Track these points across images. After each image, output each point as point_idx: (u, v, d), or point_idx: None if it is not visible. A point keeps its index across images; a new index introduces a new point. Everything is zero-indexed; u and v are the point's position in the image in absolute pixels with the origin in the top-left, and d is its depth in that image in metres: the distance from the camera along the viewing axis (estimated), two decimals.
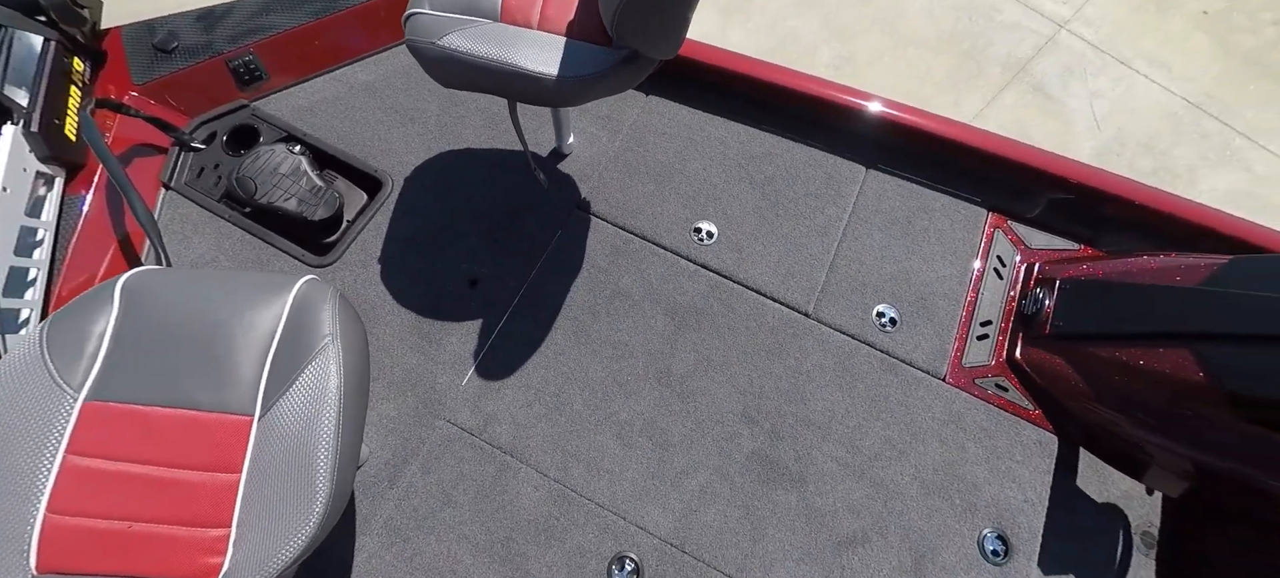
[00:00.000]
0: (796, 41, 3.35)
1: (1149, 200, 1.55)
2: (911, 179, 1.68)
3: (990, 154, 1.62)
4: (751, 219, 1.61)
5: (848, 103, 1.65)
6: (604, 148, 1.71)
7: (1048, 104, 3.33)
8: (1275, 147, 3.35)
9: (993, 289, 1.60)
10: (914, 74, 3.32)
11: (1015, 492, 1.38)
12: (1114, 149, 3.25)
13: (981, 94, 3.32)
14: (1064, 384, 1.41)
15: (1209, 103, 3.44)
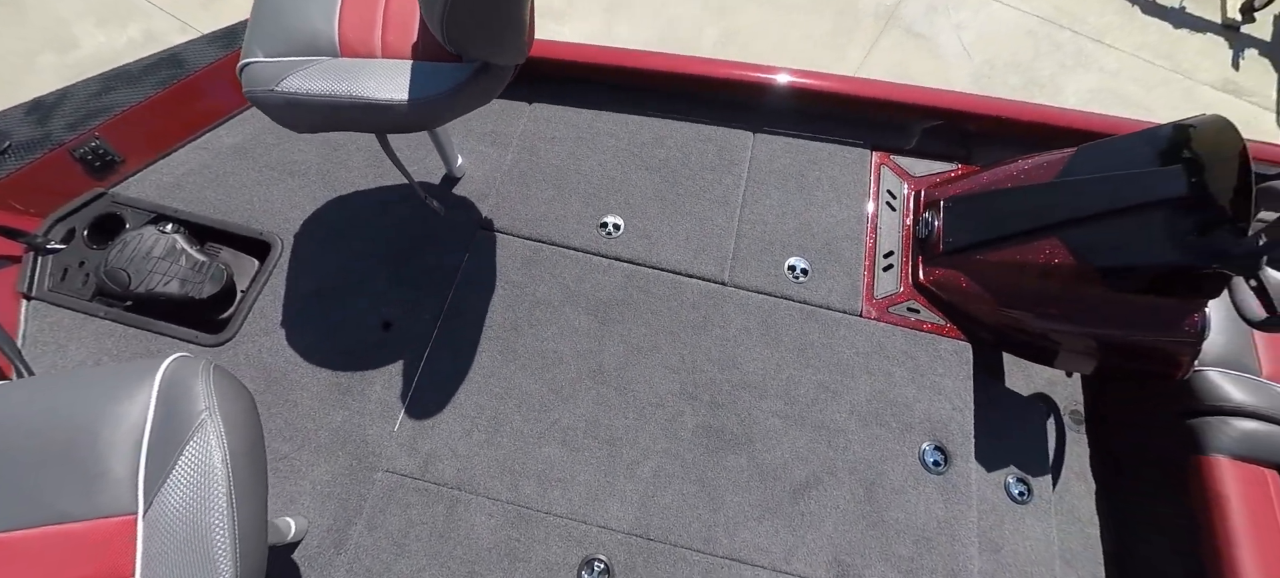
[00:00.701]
0: (681, 26, 3.42)
1: (1004, 111, 1.68)
2: (796, 135, 1.75)
3: (863, 98, 1.70)
4: (654, 204, 1.63)
5: (726, 75, 1.70)
6: (496, 163, 1.69)
7: (920, 43, 3.54)
8: (1119, 43, 3.69)
9: (888, 222, 1.68)
10: (798, 36, 3.46)
11: (943, 403, 1.46)
12: (985, 72, 3.49)
13: (861, 44, 3.49)
14: (965, 295, 1.51)
15: (1059, 16, 3.75)
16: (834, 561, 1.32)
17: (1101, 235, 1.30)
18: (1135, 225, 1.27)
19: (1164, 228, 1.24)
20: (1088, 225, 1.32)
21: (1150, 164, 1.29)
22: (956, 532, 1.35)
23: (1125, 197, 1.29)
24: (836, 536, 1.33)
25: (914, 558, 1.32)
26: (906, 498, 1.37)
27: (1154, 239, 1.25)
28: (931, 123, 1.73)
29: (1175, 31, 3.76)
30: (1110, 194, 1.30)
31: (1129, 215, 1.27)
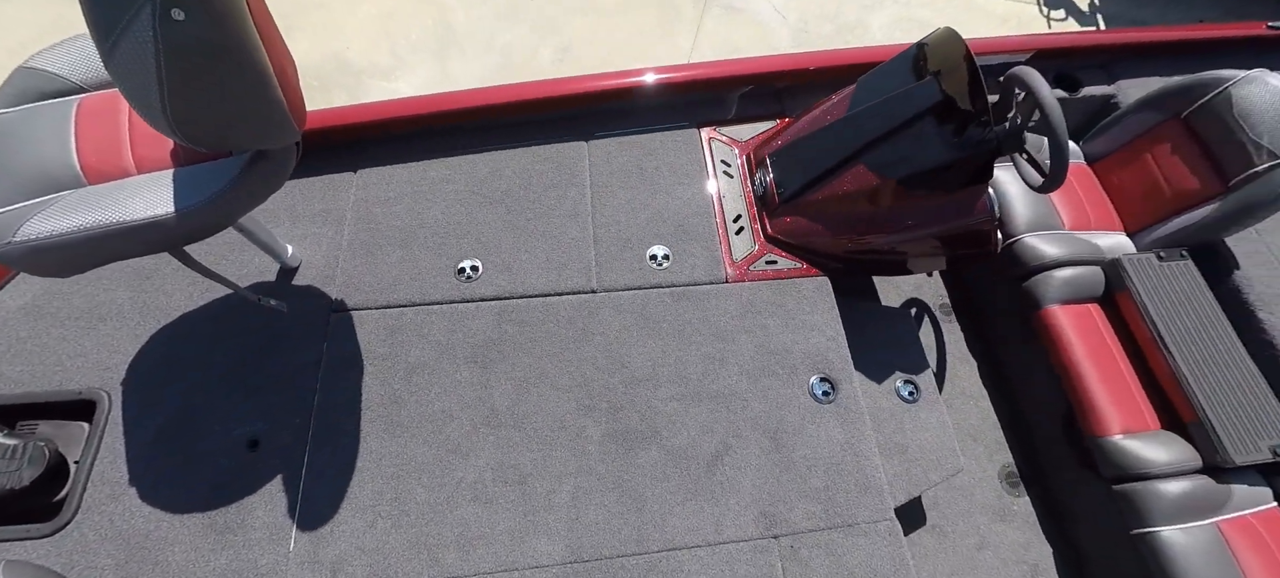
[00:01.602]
0: (515, 51, 3.42)
1: (798, 64, 1.83)
2: (627, 132, 1.80)
3: (678, 83, 1.78)
4: (506, 235, 1.62)
5: (546, 94, 1.72)
6: (333, 241, 1.60)
7: (739, 16, 3.75)
8: None
9: (730, 189, 1.77)
10: (628, 36, 3.56)
11: (817, 337, 1.56)
12: (802, 28, 3.77)
13: (687, 30, 3.65)
14: (808, 234, 1.62)
15: None
16: (760, 515, 1.36)
17: (889, 153, 1.45)
18: (910, 138, 1.43)
19: (930, 134, 1.41)
20: (878, 147, 1.47)
21: (909, 82, 1.46)
22: (859, 448, 1.44)
23: (897, 115, 1.45)
24: (756, 491, 1.38)
25: (829, 486, 1.39)
26: (808, 434, 1.44)
27: (926, 145, 1.41)
28: (743, 89, 1.85)
29: None
30: (887, 116, 1.46)
31: (904, 130, 1.43)
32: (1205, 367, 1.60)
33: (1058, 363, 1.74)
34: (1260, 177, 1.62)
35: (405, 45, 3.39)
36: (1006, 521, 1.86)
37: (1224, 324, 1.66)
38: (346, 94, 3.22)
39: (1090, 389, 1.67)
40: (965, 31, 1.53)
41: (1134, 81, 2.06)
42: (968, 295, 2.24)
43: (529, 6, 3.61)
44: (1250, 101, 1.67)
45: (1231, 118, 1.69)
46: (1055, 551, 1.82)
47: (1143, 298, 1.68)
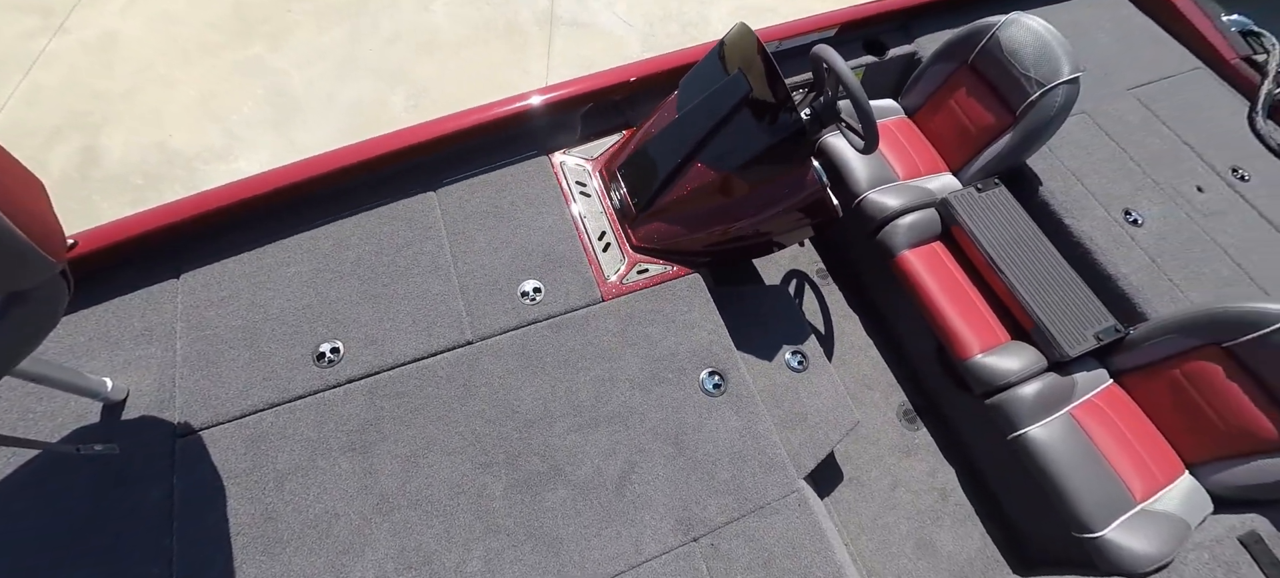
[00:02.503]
0: (365, 105, 3.24)
1: (628, 74, 1.85)
2: (474, 173, 1.75)
3: (516, 113, 1.75)
4: (365, 307, 1.51)
5: (380, 150, 1.63)
6: (163, 359, 1.42)
7: (586, 32, 3.78)
8: None
9: (589, 208, 1.76)
10: (482, 70, 3.48)
11: (699, 333, 1.58)
12: (649, 32, 3.86)
13: (538, 54, 3.62)
14: (670, 236, 1.65)
15: None
16: (677, 523, 1.35)
17: (718, 148, 1.51)
18: (731, 131, 1.50)
19: (746, 125, 1.48)
20: (708, 144, 1.52)
21: (719, 79, 1.53)
22: (757, 430, 1.47)
23: (716, 112, 1.51)
24: (669, 500, 1.37)
25: (736, 475, 1.41)
26: (707, 430, 1.46)
27: (745, 136, 1.48)
28: (584, 108, 1.85)
29: None
30: (708, 114, 1.52)
31: (724, 126, 1.50)
32: (1032, 277, 1.78)
33: (919, 302, 1.88)
34: (1036, 104, 1.84)
35: (238, 122, 3.12)
36: (912, 455, 1.99)
37: (1040, 237, 1.87)
38: (182, 186, 2.91)
39: (949, 320, 1.82)
40: (791, 9, 1.62)
41: (929, 37, 2.27)
42: (839, 256, 2.38)
43: (368, 57, 3.44)
44: (1015, 41, 1.89)
45: (1004, 57, 1.90)
46: (957, 470, 1.97)
47: (971, 228, 1.86)
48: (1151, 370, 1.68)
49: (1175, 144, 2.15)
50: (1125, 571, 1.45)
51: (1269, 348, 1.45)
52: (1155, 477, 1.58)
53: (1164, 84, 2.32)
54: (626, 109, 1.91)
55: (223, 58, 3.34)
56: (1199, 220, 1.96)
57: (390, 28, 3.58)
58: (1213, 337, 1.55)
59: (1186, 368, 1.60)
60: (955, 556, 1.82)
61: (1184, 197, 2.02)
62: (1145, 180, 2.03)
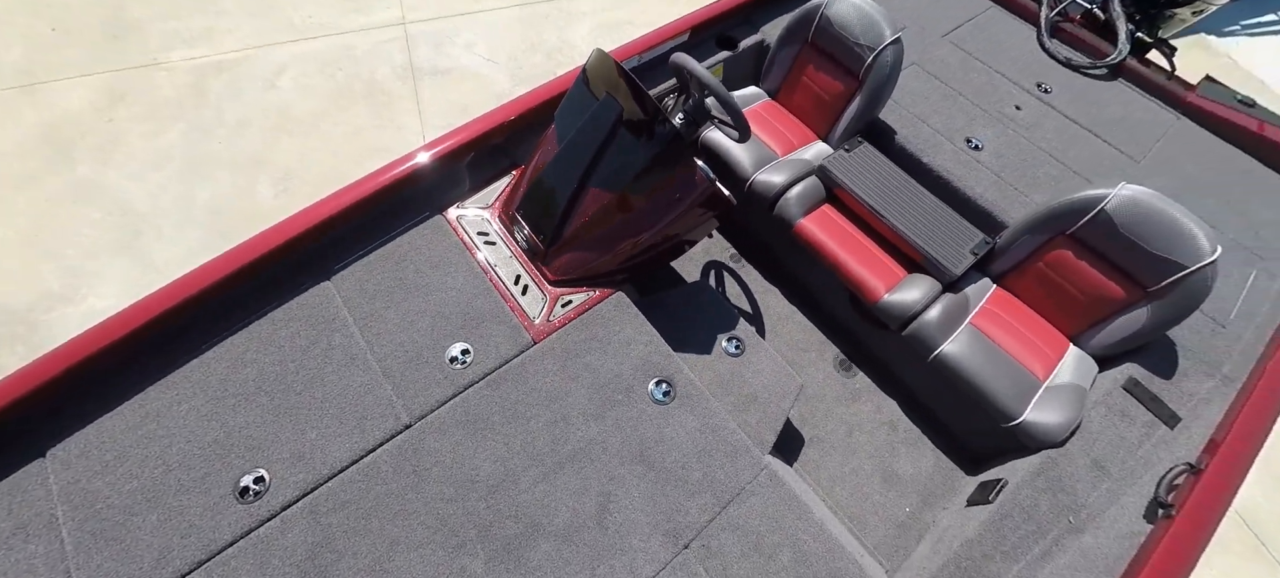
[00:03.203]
0: (228, 202, 2.94)
1: (505, 116, 1.82)
2: (369, 250, 1.65)
3: (397, 178, 1.67)
4: (283, 424, 1.36)
5: (254, 254, 1.48)
6: (50, 552, 1.18)
7: (451, 76, 3.68)
8: (588, 3, 4.39)
9: (497, 255, 1.72)
10: (350, 138, 3.27)
11: (637, 348, 1.59)
12: (517, 67, 3.81)
13: (407, 110, 3.48)
14: (587, 263, 1.64)
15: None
16: (665, 537, 1.35)
17: (607, 170, 1.54)
18: (614, 153, 1.54)
19: (626, 143, 1.53)
20: (596, 169, 1.54)
21: (591, 105, 1.56)
22: (714, 423, 1.50)
23: (596, 138, 1.54)
24: (651, 517, 1.37)
25: (706, 473, 1.43)
26: (669, 438, 1.47)
27: (627, 153, 1.53)
28: (467, 158, 1.80)
29: None
30: (589, 140, 1.54)
31: (607, 148, 1.53)
32: (910, 216, 1.96)
33: (824, 262, 2.00)
34: (872, 66, 2.03)
35: (77, 254, 2.73)
36: (857, 399, 2.11)
37: (907, 179, 2.05)
38: (25, 347, 2.49)
39: (853, 270, 1.95)
40: (647, 20, 1.66)
41: (771, 24, 2.44)
42: (747, 238, 2.48)
43: (218, 150, 3.14)
44: (841, 16, 2.07)
45: (836, 32, 2.08)
46: (898, 401, 2.12)
47: (850, 185, 2.01)
48: (1021, 268, 1.90)
49: (990, 74, 2.45)
50: (1049, 442, 1.63)
51: (1099, 226, 1.69)
52: (1049, 357, 1.79)
53: (968, 26, 2.64)
54: (511, 149, 1.88)
55: (43, 187, 2.91)
56: (1023, 133, 2.25)
57: (236, 114, 3.29)
58: (1058, 228, 1.78)
59: (1047, 259, 1.83)
60: (916, 477, 1.96)
61: (1007, 117, 2.30)
62: (975, 110, 2.30)
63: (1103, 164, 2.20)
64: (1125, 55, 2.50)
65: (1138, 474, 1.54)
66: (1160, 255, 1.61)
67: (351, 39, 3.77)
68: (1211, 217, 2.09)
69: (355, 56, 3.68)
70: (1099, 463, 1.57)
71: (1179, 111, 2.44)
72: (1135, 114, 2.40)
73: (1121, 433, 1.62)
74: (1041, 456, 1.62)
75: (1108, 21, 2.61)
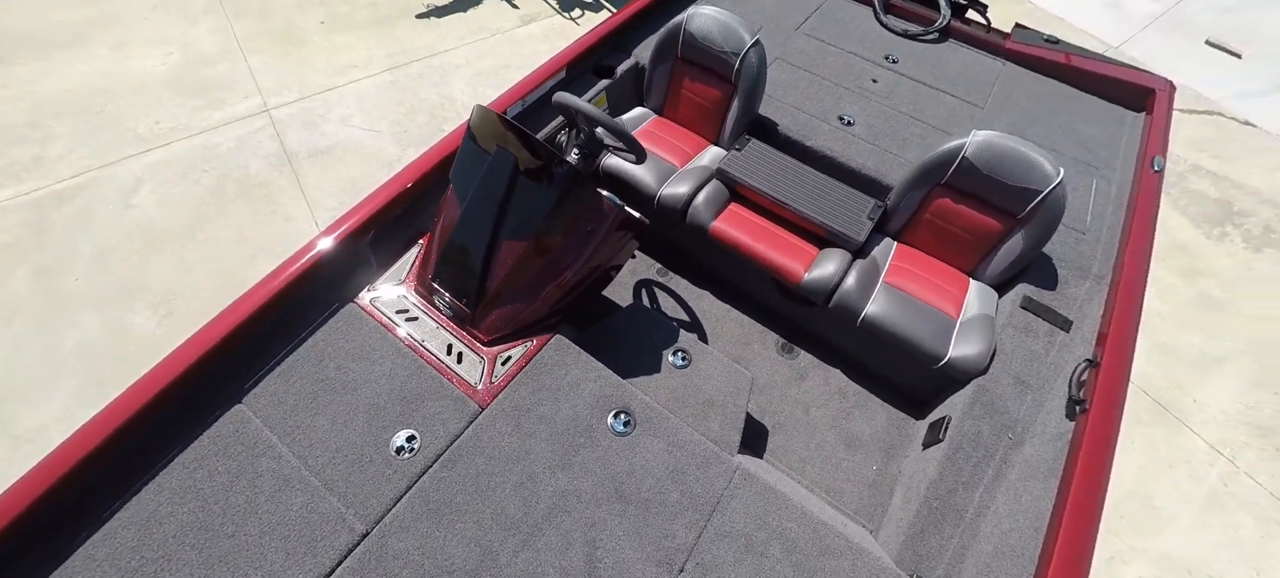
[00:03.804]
0: (101, 346, 2.58)
1: (394, 189, 1.74)
2: (280, 359, 1.51)
3: (295, 277, 1.56)
4: (218, 573, 1.20)
5: (150, 392, 1.31)
6: None
7: (334, 153, 3.48)
8: (453, 43, 4.31)
9: (423, 329, 1.64)
10: (230, 243, 3.00)
11: (587, 386, 1.56)
12: (401, 130, 3.66)
13: (292, 199, 3.24)
14: (517, 316, 1.60)
15: (398, 57, 4.13)
16: (659, 566, 1.33)
17: (516, 220, 1.52)
18: (519, 202, 1.53)
19: (529, 190, 1.52)
20: (506, 220, 1.52)
21: (484, 159, 1.54)
22: (680, 439, 1.50)
23: (497, 189, 1.52)
24: (640, 551, 1.35)
25: (683, 491, 1.43)
26: (639, 467, 1.45)
27: (532, 200, 1.52)
28: (368, 236, 1.70)
29: (475, 10, 4.58)
30: (492, 195, 1.51)
31: (511, 199, 1.52)
32: (808, 198, 2.08)
33: (744, 256, 2.08)
34: (740, 70, 2.16)
35: None
36: (805, 377, 2.19)
37: (798, 165, 2.18)
38: None
39: (772, 259, 2.04)
40: (522, 61, 1.64)
41: (642, 46, 2.53)
42: (669, 250, 2.52)
43: (76, 288, 2.78)
44: (702, 30, 2.19)
45: (701, 45, 2.19)
46: (841, 369, 2.22)
47: (750, 181, 2.11)
48: (913, 222, 2.07)
49: (845, 56, 2.67)
50: (975, 371, 1.78)
51: (964, 172, 1.88)
52: (955, 295, 1.95)
53: (815, 17, 2.87)
54: (412, 218, 1.81)
55: None
56: (885, 102, 2.47)
57: (93, 244, 2.93)
58: (933, 180, 1.95)
59: (931, 210, 2.01)
60: (875, 434, 2.06)
61: (868, 91, 2.51)
62: (840, 90, 2.49)
63: (954, 115, 2.45)
64: (948, 19, 2.80)
65: (1052, 380, 1.71)
66: (1018, 186, 1.81)
67: (211, 137, 3.49)
68: (1049, 141, 2.39)
69: (220, 155, 3.40)
70: (1020, 379, 1.73)
71: (1003, 58, 2.78)
72: (969, 68, 2.70)
73: (1030, 347, 1.79)
74: (973, 386, 1.76)
75: None
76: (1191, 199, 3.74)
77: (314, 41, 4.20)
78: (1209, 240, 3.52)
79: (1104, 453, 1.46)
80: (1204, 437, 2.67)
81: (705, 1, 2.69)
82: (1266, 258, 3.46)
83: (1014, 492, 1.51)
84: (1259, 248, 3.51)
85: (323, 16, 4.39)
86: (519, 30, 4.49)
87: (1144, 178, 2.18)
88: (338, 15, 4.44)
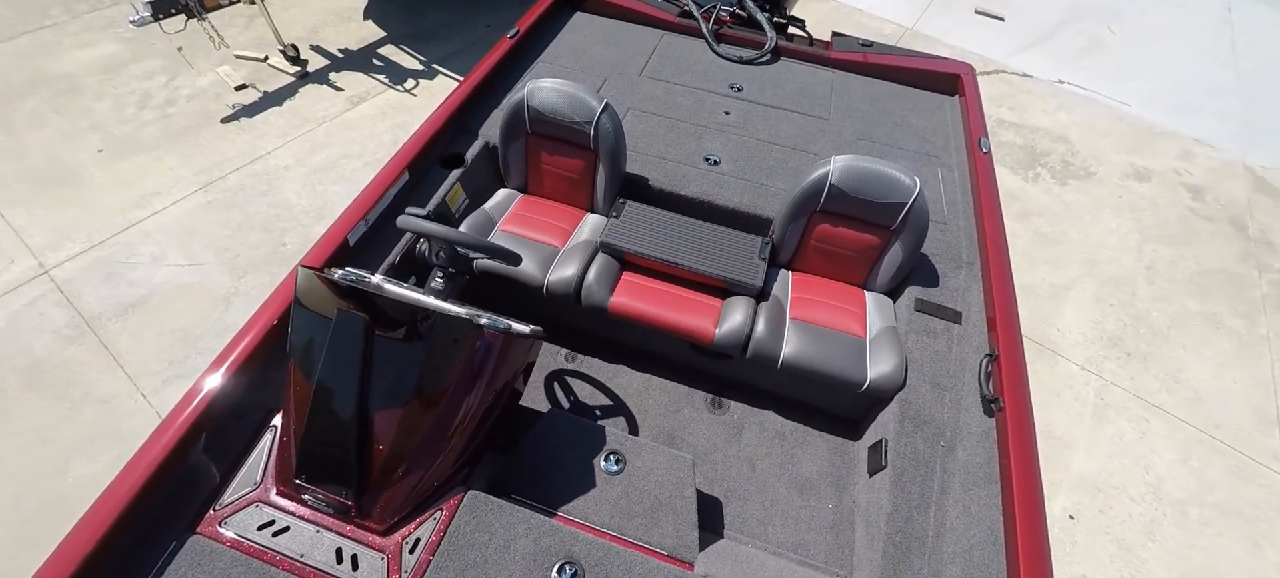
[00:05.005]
0: None
1: (231, 366, 1.42)
2: None
3: (121, 506, 1.17)
4: None
5: None
6: None
7: (153, 304, 2.86)
8: (285, 154, 3.79)
9: (301, 539, 1.27)
10: (23, 451, 2.35)
11: (522, 543, 1.29)
12: (232, 256, 3.13)
13: (102, 372, 2.62)
14: (413, 490, 1.31)
15: (212, 170, 3.55)
16: None
17: (385, 385, 1.27)
18: (384, 363, 1.28)
19: (391, 348, 1.28)
20: (372, 388, 1.27)
21: (325, 327, 1.28)
22: (637, 571, 1.31)
23: (352, 359, 1.26)
24: None
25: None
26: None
27: (400, 356, 1.28)
28: (199, 442, 1.35)
29: (292, 100, 4.08)
30: (348, 365, 1.26)
31: (372, 364, 1.27)
32: (697, 251, 2.01)
33: (650, 326, 1.95)
34: (596, 136, 2.03)
35: None
36: (741, 429, 2.09)
37: (678, 218, 2.11)
38: None
39: (678, 324, 1.94)
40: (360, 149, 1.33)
41: (486, 123, 2.34)
42: (574, 333, 2.32)
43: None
44: (546, 105, 2.04)
45: (550, 117, 2.04)
46: (773, 409, 2.15)
47: (635, 248, 2.00)
48: (801, 250, 2.08)
49: (692, 93, 2.66)
50: (895, 389, 1.79)
51: (835, 196, 1.91)
52: (856, 313, 1.97)
53: (655, 58, 2.85)
54: (252, 409, 1.46)
55: None
56: (742, 133, 2.48)
57: None
58: (809, 209, 1.97)
59: (814, 236, 2.02)
60: (822, 471, 2.00)
61: (723, 124, 2.51)
62: (697, 129, 2.47)
63: (806, 132, 2.52)
64: (775, 40, 2.92)
65: (963, 377, 1.77)
66: (884, 202, 1.87)
67: None
68: (892, 140, 2.54)
69: (23, 344, 2.69)
70: (935, 382, 1.77)
71: (832, 68, 2.94)
72: (806, 83, 2.81)
73: (934, 347, 1.85)
74: (897, 401, 1.77)
75: (750, 17, 3.03)
76: (1005, 150, 4.25)
77: (94, 175, 3.50)
78: (1027, 183, 4.02)
79: (1030, 454, 1.51)
80: (1074, 360, 3.00)
81: (543, 75, 2.57)
82: (1071, 188, 4.01)
83: (962, 504, 1.52)
84: (1063, 180, 4.07)
85: (99, 143, 3.68)
86: (349, 113, 4.08)
87: (978, 161, 2.37)
88: (118, 137, 3.74)
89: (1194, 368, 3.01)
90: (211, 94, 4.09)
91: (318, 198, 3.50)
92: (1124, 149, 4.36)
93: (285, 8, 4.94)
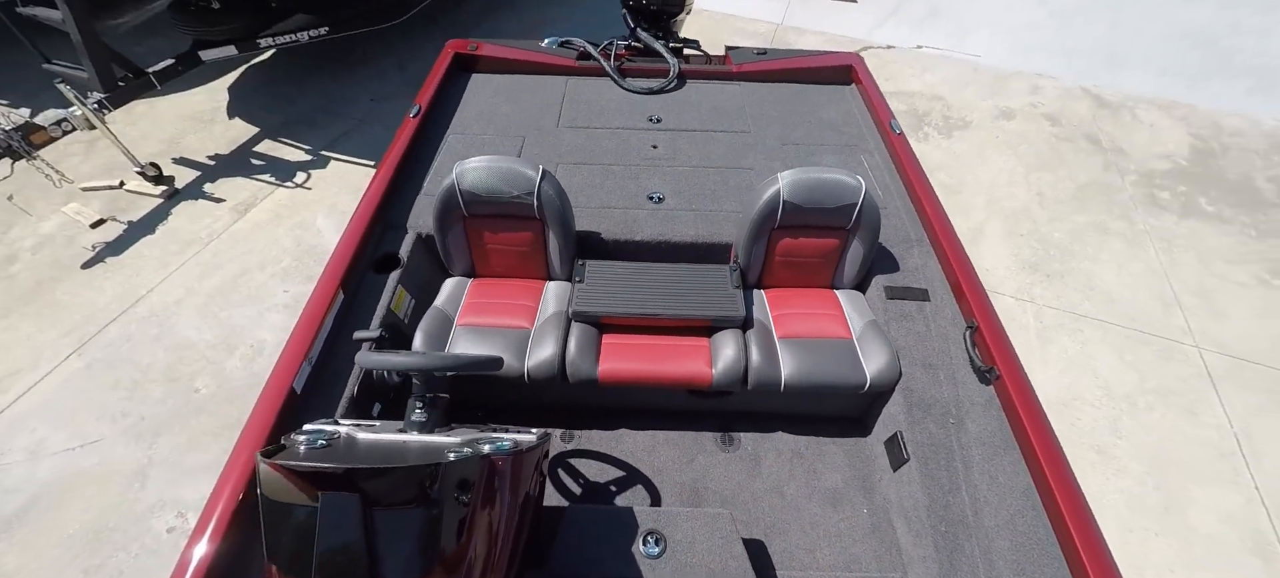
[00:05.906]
0: None
1: None
2: None
3: None
4: None
5: None
6: None
7: (42, 508, 2.36)
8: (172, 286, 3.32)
9: None
10: None
11: None
12: (127, 426, 2.67)
13: None
14: None
15: (84, 327, 3.04)
16: None
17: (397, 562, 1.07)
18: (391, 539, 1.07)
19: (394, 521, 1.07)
20: (383, 566, 1.07)
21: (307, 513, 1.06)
22: None
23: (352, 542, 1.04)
24: None
25: None
26: None
27: (405, 524, 1.09)
28: None
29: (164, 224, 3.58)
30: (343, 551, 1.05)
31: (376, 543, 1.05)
32: (670, 296, 1.95)
33: (646, 386, 1.86)
34: (539, 205, 1.91)
35: None
36: (759, 461, 2.01)
37: (641, 266, 2.03)
38: None
39: (673, 374, 1.86)
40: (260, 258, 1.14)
41: (413, 215, 2.17)
42: (568, 411, 2.15)
43: None
44: (479, 184, 1.89)
45: (485, 197, 1.90)
46: (782, 429, 2.09)
47: (609, 309, 1.91)
48: (768, 267, 2.07)
49: (616, 133, 2.61)
50: (895, 380, 1.80)
51: (790, 211, 1.91)
52: (835, 315, 1.99)
53: (567, 106, 2.76)
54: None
55: None
56: (675, 164, 2.45)
57: None
58: (768, 228, 1.97)
59: (778, 251, 2.02)
60: (845, 477, 1.96)
61: (654, 159, 2.47)
62: (631, 169, 2.41)
63: (735, 148, 2.54)
64: (678, 66, 2.93)
65: (949, 352, 1.82)
66: (836, 206, 1.90)
67: None
68: (812, 138, 2.61)
69: None
70: (926, 363, 1.81)
71: (736, 81, 3.00)
72: (718, 101, 2.84)
73: (915, 329, 1.89)
74: (900, 390, 1.79)
75: (647, 47, 3.03)
76: None
77: None
78: (920, 143, 4.33)
79: (1038, 415, 1.57)
80: (1008, 294, 3.24)
81: (455, 146, 2.41)
82: (956, 139, 4.37)
83: (989, 476, 1.56)
84: (948, 133, 4.43)
85: None
86: (239, 224, 3.65)
87: (894, 143, 2.49)
88: None
89: (1100, 273, 3.35)
90: (62, 239, 3.51)
91: (222, 327, 3.08)
92: (986, 95, 4.82)
93: (132, 123, 4.36)
